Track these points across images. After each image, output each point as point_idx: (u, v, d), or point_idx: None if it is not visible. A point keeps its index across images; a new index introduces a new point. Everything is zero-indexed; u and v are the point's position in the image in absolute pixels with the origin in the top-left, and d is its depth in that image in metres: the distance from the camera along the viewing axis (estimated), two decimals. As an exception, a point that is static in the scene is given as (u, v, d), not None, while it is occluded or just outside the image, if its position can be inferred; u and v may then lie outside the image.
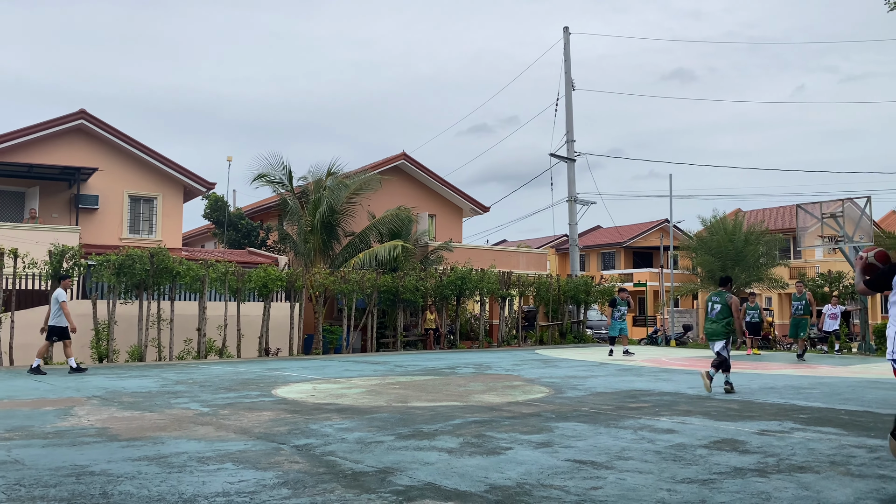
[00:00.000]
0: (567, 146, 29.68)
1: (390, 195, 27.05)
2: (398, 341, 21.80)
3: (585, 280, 27.60)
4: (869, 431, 6.77)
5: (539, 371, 13.79)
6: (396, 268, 22.51)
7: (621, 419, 7.52)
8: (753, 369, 14.53)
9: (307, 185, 24.41)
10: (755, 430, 6.81)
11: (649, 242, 46.53)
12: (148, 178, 23.66)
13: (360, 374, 13.14)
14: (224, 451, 5.77)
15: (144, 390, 10.29)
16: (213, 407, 8.48)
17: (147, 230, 23.63)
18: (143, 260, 16.68)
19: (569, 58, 29.72)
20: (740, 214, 35.35)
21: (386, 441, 6.22)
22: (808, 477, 4.91)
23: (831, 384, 11.34)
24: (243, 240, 26.71)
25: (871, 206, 20.01)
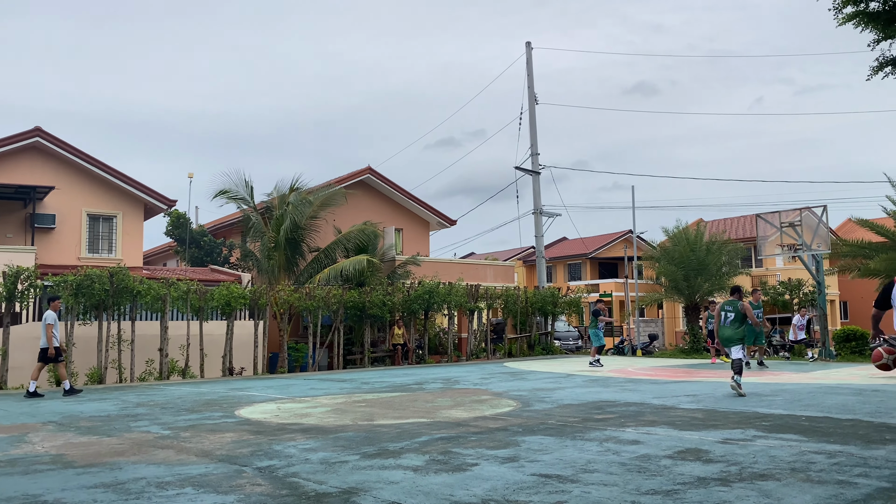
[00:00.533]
0: (532, 159, 29.91)
1: (356, 210, 26.94)
2: (366, 357, 21.63)
3: (552, 291, 27.75)
4: (829, 437, 6.88)
5: (507, 384, 13.78)
6: (363, 283, 22.38)
7: (587, 431, 7.53)
8: (717, 377, 14.69)
9: (271, 200, 24.20)
10: (718, 439, 6.87)
11: (614, 253, 47.00)
12: (107, 195, 23.23)
13: (325, 392, 13.00)
14: (184, 475, 5.64)
15: (103, 414, 10.04)
16: (175, 429, 8.30)
17: (106, 249, 23.17)
18: (102, 280, 16.34)
19: (531, 72, 30.02)
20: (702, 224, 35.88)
21: (351, 460, 6.14)
22: (769, 485, 4.96)
23: (793, 391, 11.52)
24: (206, 257, 26.35)
25: (827, 214, 20.48)
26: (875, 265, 23.15)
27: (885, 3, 9.50)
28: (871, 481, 5.00)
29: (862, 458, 5.83)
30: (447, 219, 31.28)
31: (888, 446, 6.34)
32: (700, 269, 28.64)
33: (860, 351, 20.24)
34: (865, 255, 24.22)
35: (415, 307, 22.50)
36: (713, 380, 14.08)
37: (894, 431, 7.17)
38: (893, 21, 9.43)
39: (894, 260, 22.61)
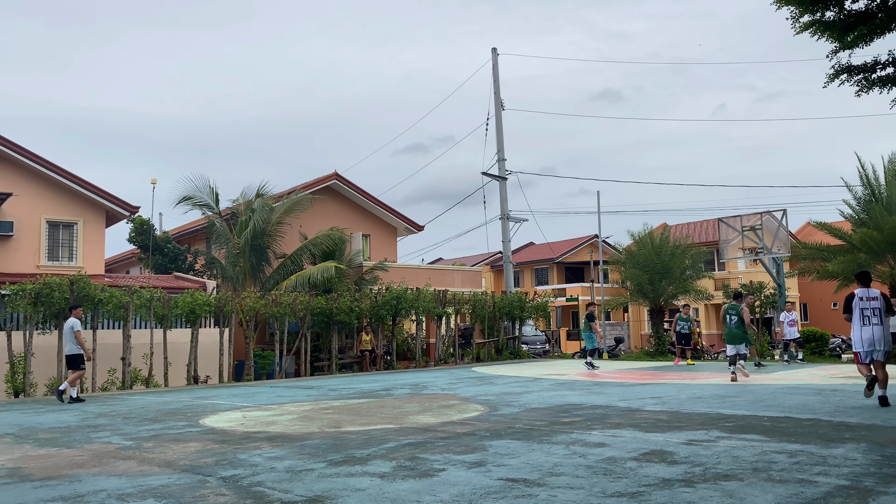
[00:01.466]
0: (498, 165, 30.05)
1: (323, 216, 26.78)
2: (333, 364, 21.49)
3: (520, 296, 27.87)
4: (789, 437, 7.00)
5: (475, 389, 13.79)
6: (330, 289, 22.24)
7: (554, 434, 7.57)
8: (682, 379, 14.89)
9: (236, 206, 23.94)
10: (683, 441, 6.96)
11: (580, 257, 47.40)
12: (67, 202, 22.75)
13: (292, 399, 12.87)
14: (146, 487, 5.53)
15: (63, 425, 9.81)
16: (137, 440, 8.14)
17: (67, 257, 22.68)
18: (62, 288, 15.98)
19: (497, 78, 30.19)
20: (666, 229, 36.38)
21: (317, 468, 6.08)
22: (732, 485, 5.03)
23: (754, 392, 11.72)
24: (170, 264, 25.94)
25: (787, 218, 20.93)
26: (833, 267, 23.68)
27: (839, 12, 9.75)
28: (831, 479, 5.10)
29: (822, 457, 5.95)
30: (414, 224, 31.26)
31: (847, 445, 6.48)
32: (664, 272, 29.03)
33: (820, 351, 20.68)
34: (824, 257, 24.77)
35: (382, 313, 22.42)
36: (678, 382, 14.26)
37: (853, 430, 7.33)
38: (848, 30, 9.68)
39: (852, 262, 23.14)
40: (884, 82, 9.67)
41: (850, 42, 9.65)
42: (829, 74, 9.85)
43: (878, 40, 9.38)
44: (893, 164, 24.66)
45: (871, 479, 5.10)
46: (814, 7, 9.48)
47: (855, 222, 24.70)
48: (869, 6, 9.34)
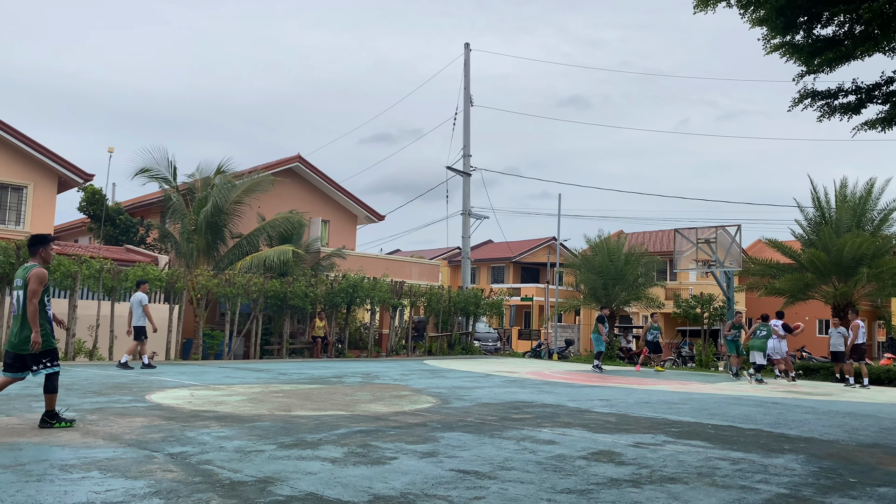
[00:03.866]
0: (464, 160, 30.09)
1: (283, 198, 26.46)
2: (284, 349, 21.28)
3: (475, 293, 28.00)
4: (732, 445, 7.19)
5: (427, 381, 13.82)
6: (286, 273, 22.00)
7: (505, 430, 7.63)
8: (629, 384, 15.17)
9: (194, 182, 23.45)
10: (630, 443, 7.09)
11: (537, 258, 47.84)
12: (18, 164, 22.01)
13: (241, 381, 12.71)
14: (90, 459, 5.41)
15: (1, 393, 9.49)
16: (80, 412, 7.94)
17: (14, 220, 21.95)
18: (7, 252, 15.49)
19: (468, 74, 30.21)
20: (622, 236, 36.97)
21: (267, 450, 6.02)
22: (677, 487, 5.15)
23: (700, 400, 12.00)
24: (121, 236, 25.32)
25: (741, 234, 21.44)
26: (780, 285, 24.38)
27: (807, 37, 10.01)
28: (771, 487, 5.26)
29: (763, 465, 6.13)
30: (375, 214, 31.12)
31: (787, 455, 6.69)
32: (618, 278, 29.51)
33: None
34: (773, 274, 25.47)
35: (337, 300, 22.28)
36: (625, 386, 14.51)
37: (793, 442, 7.56)
38: (815, 55, 9.94)
39: (798, 280, 23.87)
40: (845, 109, 9.95)
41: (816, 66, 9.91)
42: (795, 98, 10.09)
43: (842, 67, 9.65)
44: (844, 189, 25.49)
45: (809, 488, 5.28)
46: (785, 30, 9.72)
47: (804, 242, 25.45)
48: (836, 32, 9.61)
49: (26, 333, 6.70)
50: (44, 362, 6.82)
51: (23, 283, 6.77)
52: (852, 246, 22.54)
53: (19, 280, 6.84)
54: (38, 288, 6.71)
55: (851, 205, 25.04)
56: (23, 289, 6.75)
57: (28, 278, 6.72)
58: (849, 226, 24.38)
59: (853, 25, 9.38)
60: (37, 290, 6.70)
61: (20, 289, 6.80)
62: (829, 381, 18.70)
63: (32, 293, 6.68)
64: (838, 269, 23.42)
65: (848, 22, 9.40)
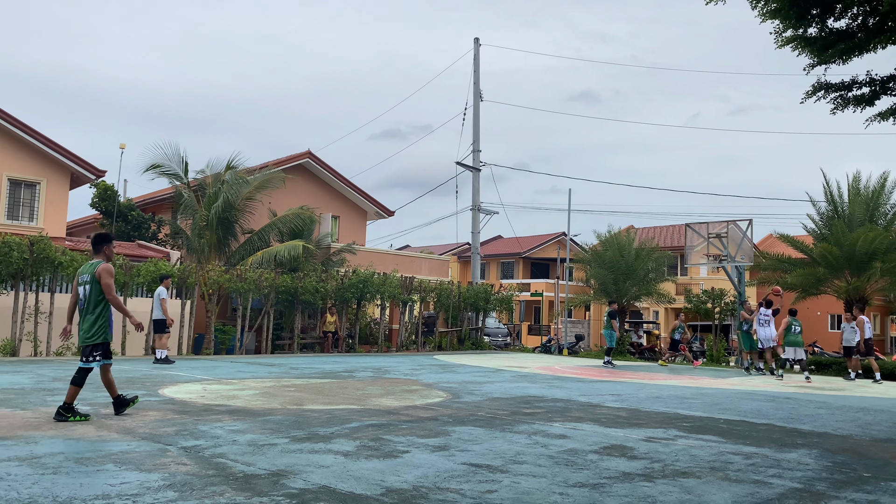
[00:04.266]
0: (473, 155, 30.06)
1: (293, 194, 26.52)
2: (295, 343, 21.35)
3: (485, 288, 27.98)
4: (745, 439, 7.17)
5: (437, 376, 13.83)
6: (296, 268, 22.06)
7: (516, 424, 7.64)
8: (640, 379, 15.13)
9: (205, 178, 23.55)
10: (642, 437, 7.07)
11: (547, 254, 47.76)
12: (31, 161, 22.16)
13: (253, 375, 12.77)
14: (105, 452, 5.45)
15: (17, 387, 9.60)
16: (94, 406, 8.01)
17: (27, 217, 22.12)
18: (21, 248, 15.60)
19: (478, 69, 30.15)
20: (633, 231, 36.86)
21: (280, 444, 6.05)
22: (690, 482, 5.14)
23: (711, 395, 11.96)
24: (133, 232, 25.46)
25: (752, 228, 21.30)
26: (792, 279, 24.23)
27: (821, 29, 9.93)
28: (785, 482, 5.24)
29: (776, 459, 6.11)
30: (385, 209, 31.15)
31: (800, 450, 6.66)
32: (629, 273, 29.42)
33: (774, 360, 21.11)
34: (784, 269, 25.32)
35: (348, 296, 22.33)
36: (636, 381, 14.48)
37: (806, 437, 7.53)
38: (828, 46, 9.87)
39: (811, 275, 23.72)
40: (858, 101, 9.87)
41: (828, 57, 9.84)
42: (808, 91, 10.02)
43: (855, 59, 9.57)
44: (857, 183, 25.30)
45: (822, 483, 5.25)
46: (797, 23, 9.64)
47: (816, 237, 25.29)
48: (850, 25, 9.53)
49: (94, 325, 7.10)
50: (95, 355, 7.14)
51: (90, 278, 7.10)
52: (865, 240, 22.37)
53: (86, 276, 7.14)
54: (110, 280, 7.12)
55: (864, 199, 24.85)
56: (90, 284, 7.09)
57: (98, 274, 7.07)
58: (862, 220, 24.20)
59: (867, 17, 9.29)
60: (110, 282, 7.11)
61: (87, 284, 7.11)
62: (841, 376, 18.60)
63: (108, 287, 7.10)
64: (851, 264, 23.26)
65: (862, 14, 9.32)
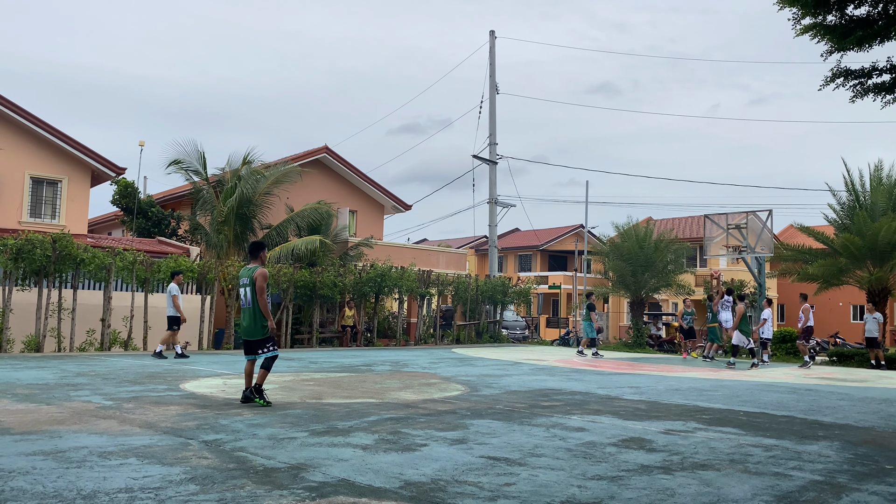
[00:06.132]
0: (490, 148, 30.00)
1: (311, 189, 26.64)
2: (314, 338, 21.49)
3: (503, 281, 27.97)
4: (765, 431, 7.13)
5: (455, 369, 13.87)
6: (314, 263, 22.18)
7: (534, 417, 7.64)
8: (659, 371, 15.07)
9: (223, 174, 23.71)
10: (661, 430, 7.06)
11: (565, 246, 47.59)
12: (52, 159, 22.44)
13: (273, 369, 12.84)
14: (128, 446, 5.53)
15: (41, 382, 9.75)
16: (117, 400, 8.12)
17: (50, 214, 22.41)
18: (44, 245, 15.82)
19: (493, 61, 30.04)
20: (651, 222, 36.61)
21: (299, 437, 6.11)
22: (709, 474, 5.12)
23: (731, 387, 11.89)
24: (153, 228, 25.71)
25: (772, 219, 21.10)
26: (813, 270, 23.97)
27: (840, 16, 9.79)
28: (805, 474, 5.21)
29: (796, 452, 6.07)
30: (402, 203, 31.19)
31: (821, 442, 6.61)
32: (647, 265, 29.26)
33: (794, 352, 20.97)
34: (805, 260, 25.05)
35: (366, 290, 22.42)
36: (655, 373, 14.43)
37: (826, 429, 7.47)
38: (847, 34, 9.73)
39: (832, 266, 23.45)
40: (879, 89, 9.72)
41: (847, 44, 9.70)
42: (827, 77, 9.90)
43: (876, 46, 9.43)
44: (879, 172, 24.94)
45: (844, 475, 5.21)
46: (816, 10, 9.51)
47: (838, 227, 24.98)
48: (870, 13, 9.39)
49: (256, 323, 7.95)
50: (268, 346, 8.08)
51: (249, 281, 7.98)
52: (888, 230, 22.07)
53: (245, 279, 8.03)
54: (264, 285, 7.96)
55: (887, 188, 24.50)
56: (250, 286, 7.96)
57: (255, 278, 7.93)
58: (884, 209, 23.86)
59: (888, 4, 9.15)
60: (264, 286, 7.96)
61: (247, 286, 8.00)
62: (863, 367, 18.40)
63: (261, 290, 7.92)
64: (873, 254, 22.96)
65: (883, 1, 9.18)
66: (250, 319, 7.98)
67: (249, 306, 7.97)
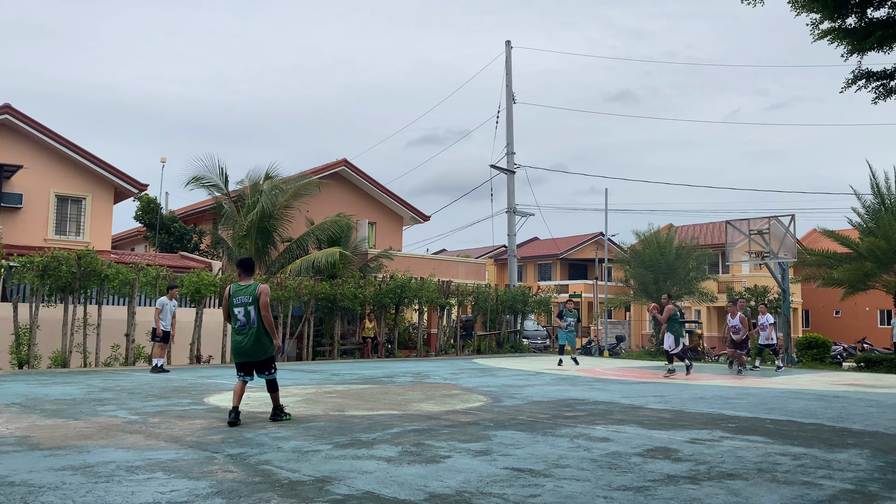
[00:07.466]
0: (507, 158, 30.01)
1: (330, 202, 26.80)
2: (335, 350, 21.55)
3: (523, 290, 27.89)
4: (793, 440, 7.03)
5: (477, 380, 13.83)
6: (335, 275, 22.28)
7: (558, 427, 7.60)
8: (683, 380, 14.92)
9: (244, 188, 23.96)
10: (686, 439, 6.99)
11: (585, 254, 47.40)
12: (77, 177, 22.80)
13: (295, 382, 12.93)
14: (154, 460, 5.58)
15: (68, 397, 9.87)
16: (143, 415, 8.20)
17: (74, 231, 22.75)
18: (69, 262, 16.04)
19: (510, 71, 30.11)
20: (672, 229, 36.37)
21: (323, 450, 6.13)
22: (737, 484, 5.06)
23: (757, 394, 11.74)
24: (176, 244, 26.00)
25: (794, 224, 20.87)
26: (838, 275, 23.66)
27: (860, 19, 9.70)
28: (836, 483, 5.13)
29: (826, 460, 5.98)
30: (421, 214, 31.27)
31: (850, 450, 6.50)
32: (669, 272, 29.06)
33: (821, 358, 20.70)
34: (830, 265, 24.72)
35: (386, 301, 22.47)
36: (679, 382, 14.29)
37: (856, 436, 7.35)
38: (867, 36, 9.64)
39: (858, 270, 23.12)
40: (902, 90, 9.62)
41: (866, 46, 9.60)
42: (848, 79, 9.81)
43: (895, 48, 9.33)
44: (904, 175, 24.56)
45: (875, 484, 5.13)
46: (836, 14, 9.44)
47: (863, 231, 24.62)
48: (891, 14, 9.30)
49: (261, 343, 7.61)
50: (273, 366, 7.89)
51: (252, 299, 7.55)
52: (914, 233, 21.74)
53: (246, 297, 7.58)
54: (268, 301, 7.62)
55: (913, 190, 24.13)
56: (253, 304, 7.55)
57: (258, 294, 7.54)
58: (910, 212, 23.50)
59: (910, 6, 9.06)
60: (268, 302, 7.61)
61: (249, 304, 7.56)
62: (892, 373, 18.09)
63: (266, 306, 7.58)
64: (900, 258, 22.59)
65: (903, 1, 9.09)
66: (253, 339, 7.56)
67: (254, 326, 7.56)
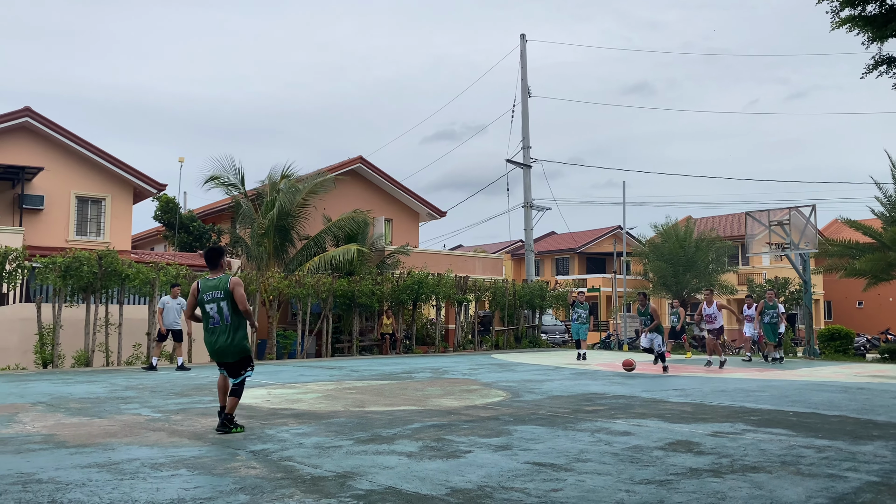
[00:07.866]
0: (523, 152, 29.94)
1: (346, 199, 26.88)
2: (354, 346, 21.63)
3: (540, 285, 27.83)
4: (816, 432, 6.96)
5: (496, 375, 13.83)
6: (352, 272, 22.35)
7: (578, 422, 7.58)
8: (704, 373, 14.83)
9: (261, 187, 24.10)
10: (708, 432, 6.94)
11: (603, 248, 47.16)
12: (96, 178, 23.04)
13: (315, 379, 13.00)
14: (178, 458, 5.63)
15: (92, 396, 9.99)
16: (165, 412, 8.28)
17: (95, 232, 23.00)
18: (90, 262, 16.22)
19: (525, 65, 30.02)
20: (691, 221, 36.11)
21: (344, 445, 6.15)
22: (760, 477, 5.02)
23: (779, 387, 11.64)
24: (195, 242, 26.21)
25: (815, 214, 20.64)
26: (861, 265, 23.38)
27: (881, 6, 9.56)
28: (861, 475, 5.08)
29: (850, 452, 5.91)
30: (437, 210, 31.27)
31: (875, 442, 6.43)
32: (689, 265, 28.87)
33: (844, 350, 20.48)
34: (852, 255, 24.44)
35: (403, 297, 22.51)
36: (700, 375, 14.20)
37: (881, 428, 7.27)
38: (888, 22, 9.49)
39: (881, 260, 22.84)
40: (924, 78, 9.47)
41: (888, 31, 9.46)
42: (868, 66, 9.68)
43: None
44: (927, 163, 24.21)
45: (901, 476, 5.06)
46: (856, 1, 9.31)
47: (885, 220, 24.31)
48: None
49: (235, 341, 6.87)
50: (248, 367, 7.09)
51: (224, 294, 6.81)
52: (938, 222, 21.43)
53: (217, 292, 6.83)
54: (243, 291, 6.90)
55: (935, 178, 23.79)
56: (226, 300, 6.82)
57: (231, 288, 6.81)
58: (934, 201, 23.18)
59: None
60: (244, 293, 6.89)
61: (221, 300, 6.82)
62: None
63: (243, 298, 6.85)
64: (924, 247, 22.30)
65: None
66: (227, 337, 6.83)
67: (227, 322, 6.82)
